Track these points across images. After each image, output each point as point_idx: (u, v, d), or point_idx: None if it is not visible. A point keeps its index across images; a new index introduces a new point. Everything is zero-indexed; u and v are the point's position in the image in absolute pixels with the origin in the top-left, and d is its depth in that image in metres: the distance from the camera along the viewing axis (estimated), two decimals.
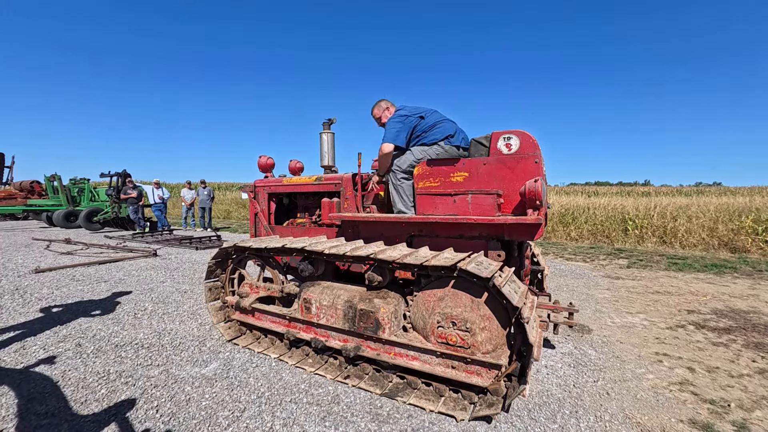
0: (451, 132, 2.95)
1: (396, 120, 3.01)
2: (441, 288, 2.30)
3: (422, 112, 3.03)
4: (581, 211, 11.07)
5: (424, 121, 3.00)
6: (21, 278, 5.21)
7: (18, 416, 2.08)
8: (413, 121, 3.00)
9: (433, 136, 2.94)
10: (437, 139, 2.93)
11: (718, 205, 10.52)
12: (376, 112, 3.34)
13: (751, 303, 4.43)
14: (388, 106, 3.30)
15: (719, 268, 6.36)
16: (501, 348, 2.16)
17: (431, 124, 2.98)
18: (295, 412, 2.17)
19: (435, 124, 2.97)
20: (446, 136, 2.92)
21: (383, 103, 3.33)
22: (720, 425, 2.10)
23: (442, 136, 2.93)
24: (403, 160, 2.99)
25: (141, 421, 2.07)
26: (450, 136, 2.93)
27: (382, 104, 3.33)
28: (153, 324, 3.52)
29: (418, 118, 3.01)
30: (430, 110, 3.07)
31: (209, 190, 12.73)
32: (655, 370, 2.74)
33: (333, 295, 2.62)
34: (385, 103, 3.32)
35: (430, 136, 2.95)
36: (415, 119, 3.00)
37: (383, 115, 3.28)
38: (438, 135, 2.94)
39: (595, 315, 3.98)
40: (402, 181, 3.01)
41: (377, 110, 3.33)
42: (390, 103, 3.32)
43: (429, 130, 2.97)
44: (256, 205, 3.95)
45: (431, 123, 2.98)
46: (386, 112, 3.28)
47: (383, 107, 3.31)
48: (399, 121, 2.99)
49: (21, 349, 2.91)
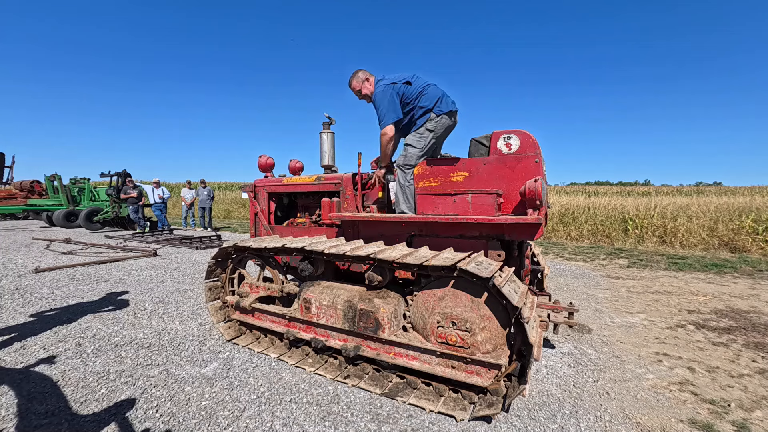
0: (440, 95, 2.83)
1: (382, 92, 2.86)
2: (441, 288, 2.29)
3: (407, 78, 2.89)
4: (581, 210, 11.06)
5: (411, 87, 2.87)
6: (21, 278, 5.21)
7: (18, 416, 2.08)
8: (400, 88, 2.86)
9: (424, 103, 2.81)
10: (428, 106, 2.80)
11: (718, 205, 10.51)
12: (354, 84, 3.13)
13: (751, 303, 4.43)
14: (367, 77, 3.08)
15: (719, 267, 6.35)
16: (501, 348, 2.16)
17: (419, 90, 2.86)
18: (294, 412, 2.17)
19: (423, 90, 2.85)
20: (435, 102, 2.81)
21: (361, 74, 3.10)
22: (720, 425, 2.10)
23: (431, 103, 2.80)
24: (409, 155, 2.92)
25: (141, 420, 2.07)
26: (439, 100, 2.83)
27: (359, 75, 3.10)
28: (153, 324, 3.52)
29: (404, 84, 2.87)
30: (413, 75, 2.93)
31: (209, 190, 12.74)
32: (655, 370, 2.74)
33: (333, 295, 2.62)
34: (363, 74, 3.10)
35: (418, 105, 2.81)
36: (401, 86, 2.87)
37: (363, 86, 3.08)
38: (427, 102, 2.81)
39: (595, 315, 3.97)
40: (410, 182, 2.94)
41: (356, 82, 3.12)
42: (368, 73, 3.11)
43: (418, 97, 2.84)
44: (256, 205, 3.95)
45: (419, 89, 2.86)
46: (366, 83, 3.08)
47: (362, 78, 3.09)
48: (387, 92, 2.84)
49: (21, 349, 2.91)
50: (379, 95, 2.89)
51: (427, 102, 2.85)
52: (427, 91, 2.87)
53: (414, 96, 2.88)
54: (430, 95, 2.87)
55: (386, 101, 2.84)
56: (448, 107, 2.88)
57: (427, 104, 2.85)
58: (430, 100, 2.85)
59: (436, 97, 2.86)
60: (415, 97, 2.87)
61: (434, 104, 2.85)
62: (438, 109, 2.85)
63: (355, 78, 3.13)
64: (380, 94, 2.89)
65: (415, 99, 2.88)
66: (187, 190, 13.19)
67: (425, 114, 2.89)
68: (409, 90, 2.89)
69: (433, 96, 2.87)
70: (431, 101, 2.85)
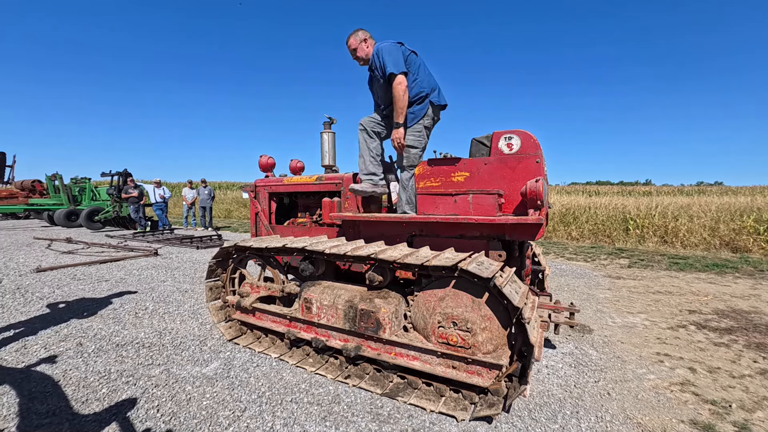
0: (435, 84, 2.70)
1: (390, 46, 2.70)
2: (442, 288, 2.29)
3: (410, 49, 2.74)
4: (582, 210, 11.05)
5: (416, 58, 2.73)
6: (22, 277, 5.22)
7: (19, 415, 2.09)
8: (407, 52, 2.72)
9: (420, 88, 2.66)
10: (424, 91, 2.65)
11: (719, 205, 10.49)
12: (351, 42, 2.96)
13: (752, 303, 4.42)
14: (366, 38, 2.94)
15: (720, 267, 6.34)
16: (502, 348, 2.16)
17: (418, 65, 2.73)
18: (295, 412, 2.17)
19: (419, 68, 2.71)
20: (431, 91, 2.69)
21: (361, 33, 2.94)
22: (721, 426, 2.10)
23: (429, 88, 2.66)
24: (412, 156, 2.87)
25: (142, 420, 2.07)
26: (435, 91, 2.70)
27: (359, 34, 2.94)
28: (154, 323, 3.52)
29: (411, 51, 2.73)
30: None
31: (210, 190, 12.75)
32: (657, 371, 2.74)
33: (334, 295, 2.62)
34: (363, 34, 2.94)
35: (415, 86, 2.67)
36: (409, 52, 2.72)
37: (360, 47, 2.93)
38: (425, 86, 2.66)
39: (596, 315, 3.97)
40: (411, 180, 2.88)
41: (354, 40, 2.95)
42: (369, 34, 2.95)
43: (415, 78, 2.69)
44: (256, 205, 3.95)
45: (419, 64, 2.73)
46: (363, 44, 2.92)
47: (360, 38, 2.93)
48: (395, 48, 2.67)
49: (22, 348, 2.91)
50: (386, 48, 2.70)
51: (424, 87, 2.67)
52: (421, 75, 2.70)
53: (415, 71, 2.70)
54: (425, 81, 2.70)
55: (395, 54, 2.66)
56: (444, 100, 2.75)
57: (423, 90, 2.67)
58: (426, 86, 2.68)
59: (431, 86, 2.71)
60: (415, 72, 2.69)
61: (430, 93, 2.68)
62: (436, 99, 2.69)
63: (354, 35, 2.96)
64: (388, 47, 2.70)
65: (412, 76, 2.71)
66: (188, 189, 13.21)
67: (420, 102, 2.72)
68: (412, 61, 2.70)
69: (427, 83, 2.71)
70: (427, 87, 2.68)
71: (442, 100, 2.78)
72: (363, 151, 3.03)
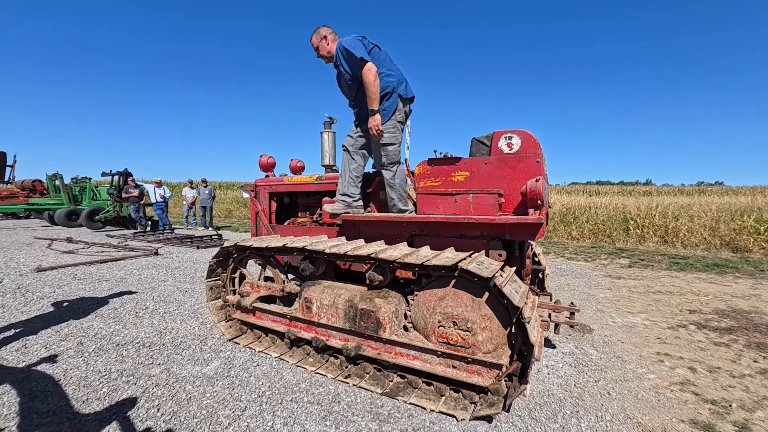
0: (402, 77, 2.65)
1: (353, 39, 2.65)
2: (442, 287, 2.29)
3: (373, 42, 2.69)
4: (582, 210, 11.04)
5: (380, 51, 2.68)
6: (23, 277, 5.23)
7: (20, 414, 2.09)
8: (369, 46, 2.67)
9: (386, 83, 2.60)
10: (390, 85, 2.58)
11: (720, 205, 10.49)
12: (314, 40, 2.90)
13: (752, 303, 4.42)
14: (327, 34, 2.86)
15: (721, 267, 6.34)
16: (502, 348, 2.16)
17: (383, 59, 2.67)
18: (295, 411, 2.17)
19: (383, 63, 2.64)
20: (399, 85, 2.63)
21: (323, 29, 2.87)
22: (721, 425, 2.10)
23: (396, 82, 2.60)
24: (391, 153, 2.82)
25: (142, 419, 2.07)
26: (402, 84, 2.65)
27: (321, 31, 2.87)
28: (154, 323, 3.52)
29: (374, 45, 2.68)
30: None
31: (210, 189, 12.76)
32: (657, 370, 2.74)
33: (334, 295, 2.62)
34: (325, 30, 2.87)
35: (381, 82, 2.60)
36: (372, 46, 2.67)
37: (321, 44, 2.87)
38: (392, 80, 2.60)
39: (596, 315, 3.97)
40: (397, 177, 2.85)
41: (315, 38, 2.89)
42: (330, 30, 2.88)
43: (381, 68, 2.62)
44: (257, 204, 3.95)
45: (383, 57, 2.67)
46: (324, 41, 2.86)
47: (322, 35, 2.87)
48: (357, 42, 2.62)
49: (23, 348, 2.92)
50: (348, 41, 2.65)
51: (390, 81, 2.61)
52: (386, 69, 2.62)
53: (378, 66, 2.62)
54: (391, 74, 2.63)
55: (358, 46, 2.61)
56: (412, 92, 2.69)
57: (390, 83, 2.61)
58: (393, 80, 2.62)
59: (398, 80, 2.65)
60: (378, 68, 2.61)
61: (397, 86, 2.63)
62: (404, 92, 2.63)
63: (316, 33, 2.90)
64: (350, 40, 2.64)
65: (381, 71, 2.63)
66: (188, 189, 13.22)
67: (389, 97, 2.65)
68: (375, 54, 2.65)
69: (394, 76, 2.64)
70: (394, 81, 2.62)
71: (410, 92, 2.74)
72: (343, 170, 3.03)
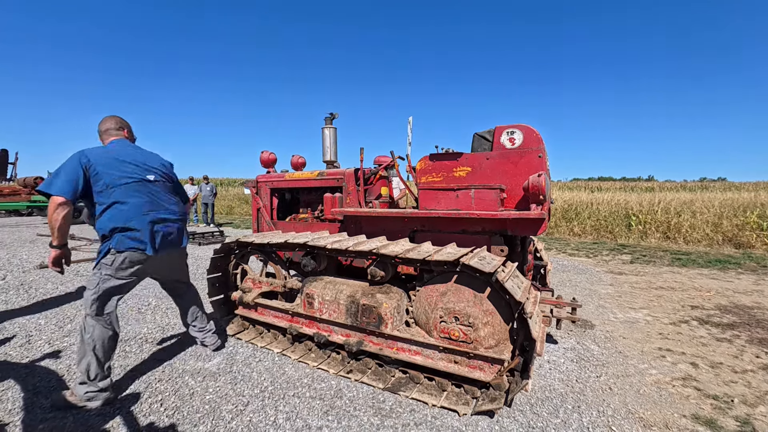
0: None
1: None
2: (444, 283, 2.29)
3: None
4: (584, 206, 11.02)
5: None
6: (26, 274, 5.24)
7: (24, 409, 2.10)
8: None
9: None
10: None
11: (722, 201, 10.44)
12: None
13: (755, 299, 4.41)
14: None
15: (723, 263, 6.32)
16: (504, 343, 2.16)
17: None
18: (298, 406, 2.18)
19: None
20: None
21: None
22: (723, 420, 2.10)
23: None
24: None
25: (145, 414, 2.09)
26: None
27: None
28: (156, 319, 3.54)
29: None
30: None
31: (212, 186, 12.76)
32: (658, 366, 2.73)
33: (335, 290, 2.62)
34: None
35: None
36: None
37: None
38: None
39: (598, 310, 3.96)
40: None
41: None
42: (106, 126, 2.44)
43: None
44: (258, 201, 3.95)
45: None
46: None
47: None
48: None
49: (26, 344, 2.93)
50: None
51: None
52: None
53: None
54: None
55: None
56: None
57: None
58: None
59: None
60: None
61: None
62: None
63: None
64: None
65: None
66: (189, 186, 13.22)
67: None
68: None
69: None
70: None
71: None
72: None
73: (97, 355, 2.11)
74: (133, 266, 2.22)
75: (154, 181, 2.33)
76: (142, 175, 2.28)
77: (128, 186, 2.20)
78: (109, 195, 2.15)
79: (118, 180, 2.18)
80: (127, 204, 2.19)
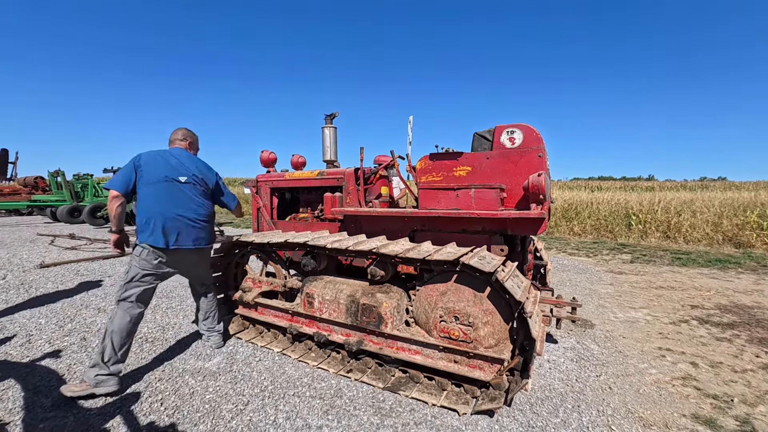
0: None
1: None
2: (443, 282, 2.29)
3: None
4: (584, 206, 11.01)
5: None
6: (26, 273, 5.25)
7: (24, 408, 2.10)
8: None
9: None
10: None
11: (722, 200, 10.43)
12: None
13: (755, 298, 4.41)
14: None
15: (723, 263, 6.32)
16: (503, 342, 2.16)
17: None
18: (298, 406, 2.18)
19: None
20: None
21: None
22: (723, 420, 2.10)
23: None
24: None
25: (146, 413, 2.09)
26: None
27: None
28: (157, 318, 3.54)
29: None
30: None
31: None
32: (658, 365, 2.73)
33: (335, 290, 2.62)
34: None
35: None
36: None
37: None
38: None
39: (598, 310, 3.97)
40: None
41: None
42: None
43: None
44: (258, 200, 3.95)
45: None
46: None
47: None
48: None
49: (27, 343, 2.93)
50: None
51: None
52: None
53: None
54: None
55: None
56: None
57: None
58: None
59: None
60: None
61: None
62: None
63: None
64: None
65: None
66: None
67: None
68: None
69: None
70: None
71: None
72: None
73: (113, 339, 2.28)
74: (156, 259, 2.44)
75: (185, 182, 2.53)
76: (174, 176, 2.49)
77: (158, 184, 2.43)
78: (144, 191, 2.43)
79: (153, 178, 2.43)
80: (153, 200, 2.42)
